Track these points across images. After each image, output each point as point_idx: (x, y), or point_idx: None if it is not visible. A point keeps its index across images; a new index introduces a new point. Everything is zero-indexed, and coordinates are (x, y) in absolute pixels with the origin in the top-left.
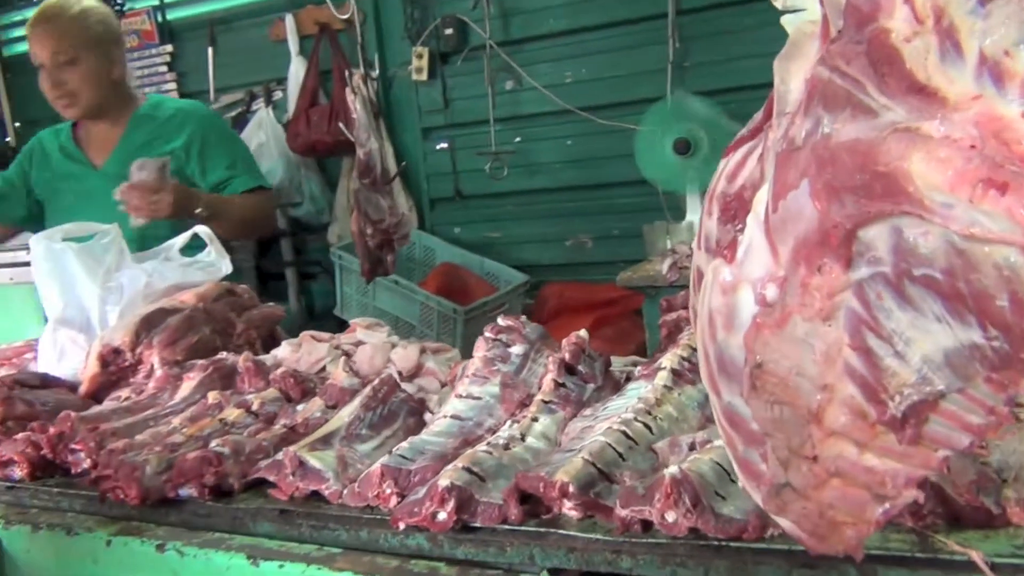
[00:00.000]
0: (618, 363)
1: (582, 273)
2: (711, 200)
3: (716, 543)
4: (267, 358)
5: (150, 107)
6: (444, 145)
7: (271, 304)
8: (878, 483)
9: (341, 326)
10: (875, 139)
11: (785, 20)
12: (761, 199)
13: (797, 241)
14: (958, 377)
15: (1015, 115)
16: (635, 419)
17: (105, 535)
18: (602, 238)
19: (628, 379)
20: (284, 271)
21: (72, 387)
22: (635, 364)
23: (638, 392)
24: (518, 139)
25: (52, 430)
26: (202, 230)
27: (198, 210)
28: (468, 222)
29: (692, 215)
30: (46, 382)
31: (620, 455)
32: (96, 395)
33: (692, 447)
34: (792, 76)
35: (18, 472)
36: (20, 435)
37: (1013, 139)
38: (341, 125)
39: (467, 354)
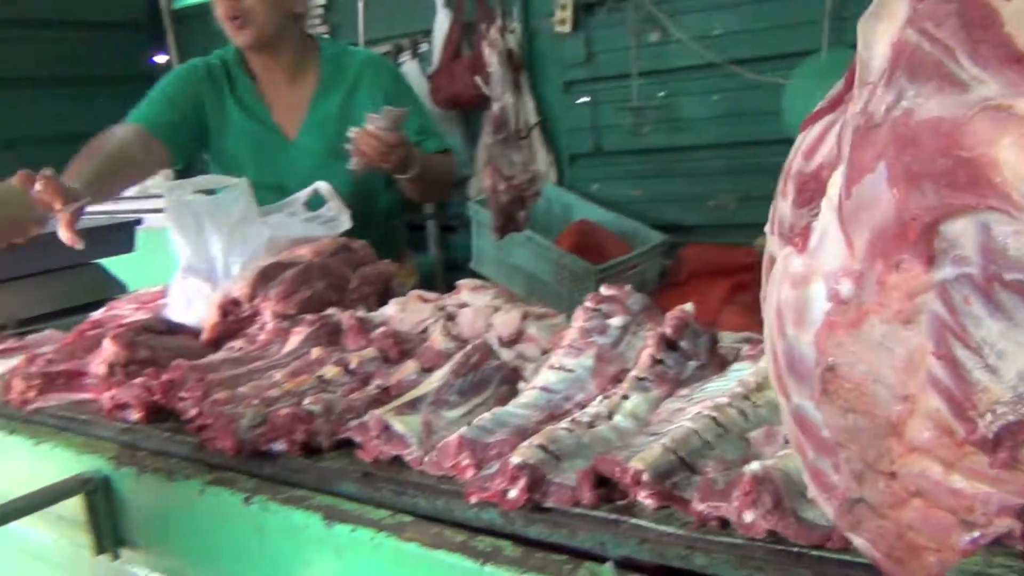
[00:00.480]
0: (729, 339)
1: (724, 236)
2: (786, 180)
3: (796, 549)
4: (375, 316)
5: (331, 61)
6: (586, 99)
7: (386, 260)
8: (965, 508)
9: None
10: (961, 118)
11: None
12: (836, 182)
13: (873, 233)
14: None
15: None
16: (729, 404)
17: (200, 483)
18: (747, 199)
19: (738, 357)
20: (426, 223)
21: (197, 334)
22: (748, 341)
23: (740, 374)
24: (662, 93)
25: (164, 377)
26: (322, 186)
27: (412, 169)
28: (608, 179)
29: None
30: (172, 328)
31: (707, 443)
32: (217, 343)
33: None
34: (877, 39)
35: (134, 415)
36: (137, 380)
37: None
38: (478, 79)
39: None
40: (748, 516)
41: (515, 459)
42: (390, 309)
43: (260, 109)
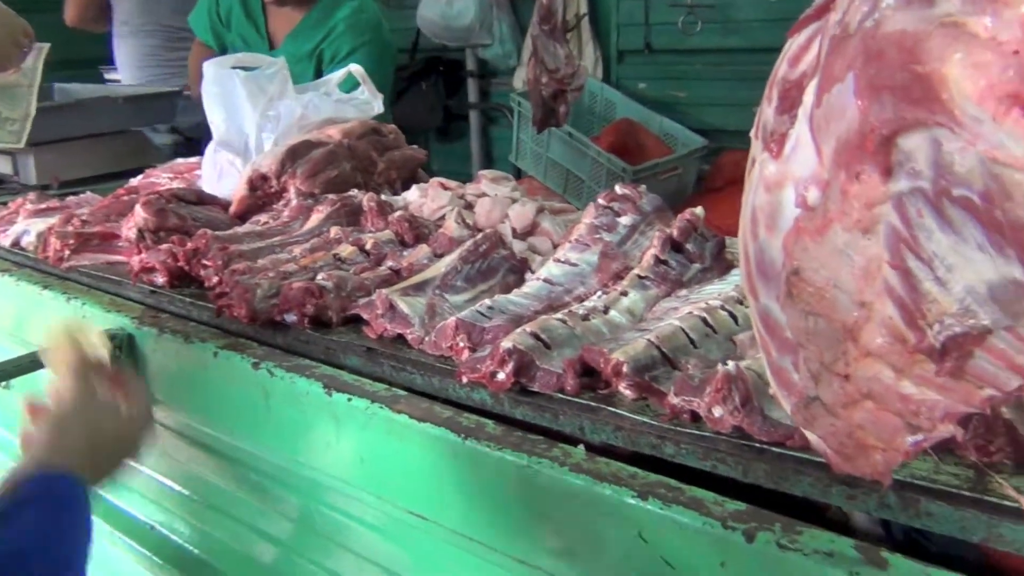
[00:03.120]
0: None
1: None
2: (772, 85)
3: (759, 445)
4: (396, 199)
5: (328, 4)
6: None
7: (414, 147)
8: (912, 412)
9: (516, 173)
10: (922, 33)
11: None
12: (811, 90)
13: (839, 142)
14: (1005, 314)
15: None
16: (722, 307)
17: (214, 347)
18: None
19: None
20: (468, 113)
21: (226, 206)
22: None
23: (739, 279)
24: None
25: (189, 245)
26: (356, 69)
27: None
28: (654, 78)
29: None
30: (202, 199)
31: (692, 342)
32: (244, 216)
33: None
34: None
35: (159, 279)
36: (164, 246)
37: None
38: None
39: None
40: (717, 411)
41: (505, 344)
42: (411, 194)
43: (259, 12)
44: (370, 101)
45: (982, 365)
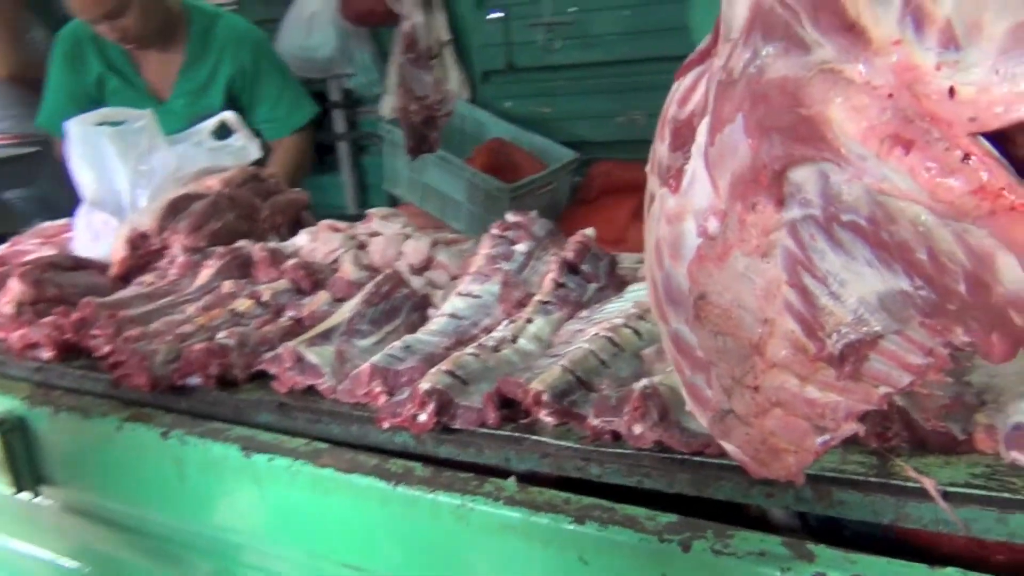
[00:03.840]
0: (629, 260)
1: (633, 151)
2: (663, 125)
3: (680, 457)
4: (286, 246)
5: (200, 33)
6: (498, 14)
7: (296, 190)
8: (818, 415)
9: (392, 201)
10: (802, 78)
11: None
12: (703, 130)
13: (734, 177)
14: (894, 320)
15: (930, 66)
16: (624, 325)
17: (117, 420)
18: (655, 115)
19: (636, 278)
20: (336, 144)
21: (104, 269)
22: (644, 262)
23: (637, 295)
24: (573, 9)
25: (74, 316)
26: (229, 116)
27: None
28: (520, 96)
29: None
30: (79, 264)
31: (603, 362)
32: (126, 278)
33: None
34: (739, 0)
35: (46, 354)
36: (47, 319)
37: (923, 93)
38: None
39: None
40: (637, 428)
41: (424, 385)
42: (301, 239)
43: (131, 71)
44: (246, 147)
45: (877, 367)
